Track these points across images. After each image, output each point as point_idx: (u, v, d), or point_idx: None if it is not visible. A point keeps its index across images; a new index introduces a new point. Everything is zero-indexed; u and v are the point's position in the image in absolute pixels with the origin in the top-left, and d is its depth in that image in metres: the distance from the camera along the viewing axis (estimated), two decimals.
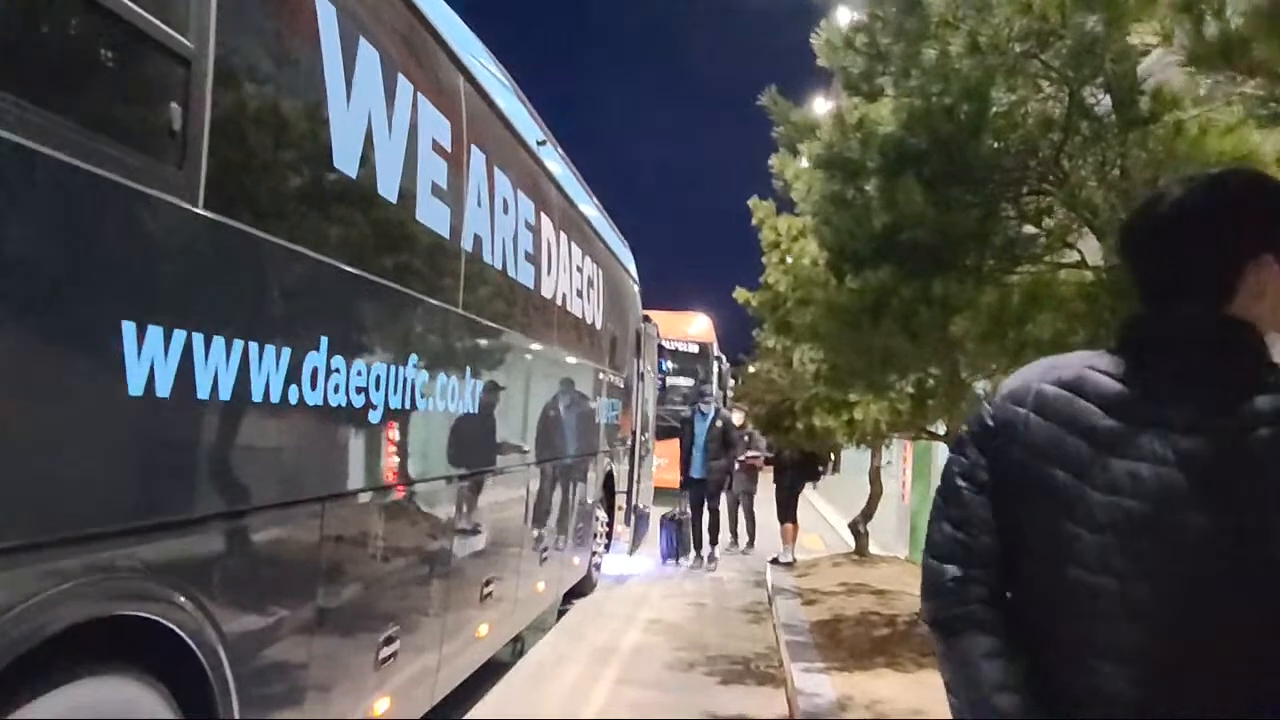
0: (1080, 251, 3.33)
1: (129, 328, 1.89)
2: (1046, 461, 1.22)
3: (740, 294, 7.63)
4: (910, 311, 3.04)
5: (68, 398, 1.79)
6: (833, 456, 15.76)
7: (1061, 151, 3.10)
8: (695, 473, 10.22)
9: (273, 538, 2.59)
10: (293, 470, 2.65)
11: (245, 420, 2.35)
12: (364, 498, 3.13)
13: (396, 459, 3.37)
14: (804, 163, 5.51)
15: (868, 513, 10.12)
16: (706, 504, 10.17)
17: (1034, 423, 1.24)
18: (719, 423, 10.27)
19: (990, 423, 1.30)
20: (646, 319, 10.57)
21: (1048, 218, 3.24)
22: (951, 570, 1.29)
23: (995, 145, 3.05)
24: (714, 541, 10.23)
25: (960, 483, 1.32)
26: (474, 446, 4.33)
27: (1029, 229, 3.25)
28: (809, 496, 13.55)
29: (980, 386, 5.63)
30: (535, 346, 5.46)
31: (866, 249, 3.29)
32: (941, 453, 10.61)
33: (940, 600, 1.30)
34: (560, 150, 6.38)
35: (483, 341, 4.42)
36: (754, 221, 6.87)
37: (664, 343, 14.09)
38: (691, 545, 10.16)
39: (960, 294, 2.99)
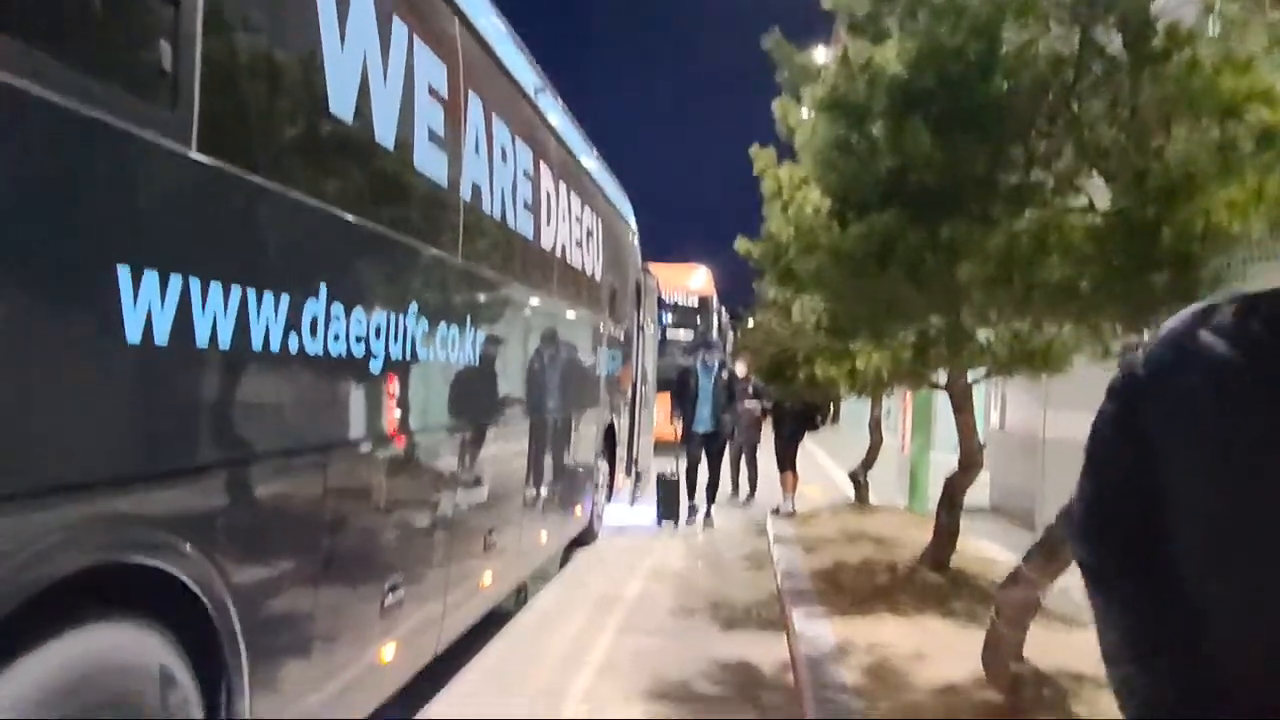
0: (1089, 195, 3.29)
1: (124, 272, 1.86)
2: (1189, 416, 1.14)
3: (741, 244, 7.52)
4: (916, 257, 2.99)
5: (66, 344, 1.76)
6: (831, 408, 15.79)
7: (1072, 92, 3.04)
8: (702, 427, 9.61)
9: (276, 487, 2.59)
10: (294, 419, 2.64)
11: (246, 368, 2.33)
12: (366, 448, 3.13)
13: (397, 409, 3.36)
14: (806, 113, 5.43)
15: (868, 462, 10.17)
16: (708, 460, 9.64)
17: (1180, 371, 1.15)
18: (724, 375, 9.73)
19: (1140, 370, 1.21)
20: (646, 271, 10.51)
21: (1057, 160, 3.19)
22: (1095, 520, 1.26)
23: (1005, 85, 2.98)
24: (712, 499, 9.70)
25: (1104, 431, 1.26)
26: (474, 398, 4.32)
27: (1038, 173, 3.20)
28: (808, 447, 13.60)
29: (983, 335, 5.61)
30: (535, 297, 5.43)
31: (872, 194, 3.24)
32: (942, 402, 10.66)
33: (1086, 545, 1.28)
34: (558, 99, 6.28)
35: (482, 292, 4.39)
36: (755, 171, 6.77)
37: (663, 296, 14.05)
38: (686, 500, 9.67)
39: (967, 238, 2.94)
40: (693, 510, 9.63)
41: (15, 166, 1.63)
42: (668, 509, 9.56)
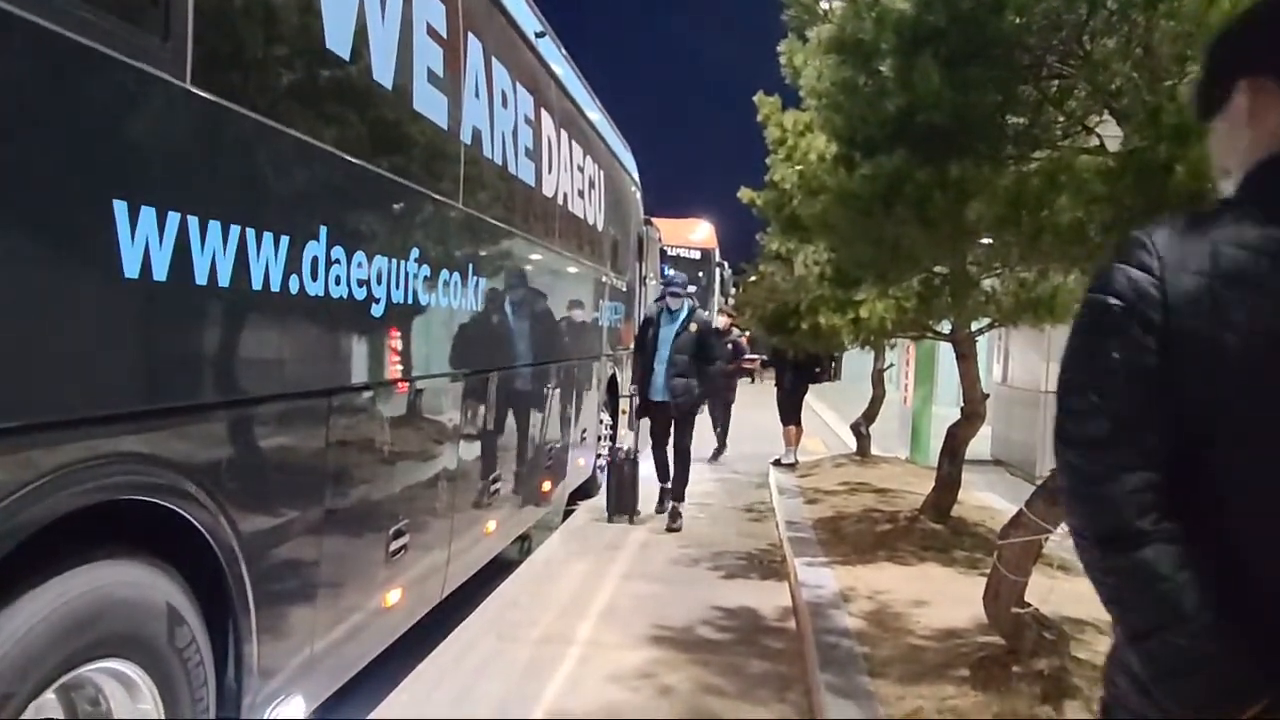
0: (1099, 136, 3.23)
1: (121, 206, 1.83)
2: (1248, 339, 1.04)
3: (745, 194, 7.48)
4: (924, 197, 2.94)
5: (63, 278, 1.73)
6: (832, 362, 15.73)
7: (1085, 28, 2.97)
8: (656, 394, 7.10)
9: (282, 430, 2.58)
10: (296, 362, 2.62)
11: (246, 309, 2.31)
12: (369, 393, 3.11)
13: (400, 355, 3.34)
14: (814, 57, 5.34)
15: (870, 414, 10.19)
16: (674, 440, 7.21)
17: (1223, 292, 1.06)
18: (694, 326, 7.08)
19: (1155, 292, 1.09)
20: (648, 222, 10.44)
21: (1069, 100, 3.12)
22: (1116, 477, 1.10)
23: (1017, 21, 2.91)
24: (680, 493, 7.24)
25: (1117, 367, 1.11)
26: (476, 345, 4.30)
27: (1049, 112, 3.14)
28: (808, 400, 13.59)
29: (988, 284, 5.57)
30: (537, 246, 5.38)
31: (879, 134, 3.18)
32: (944, 357, 10.64)
33: (1104, 512, 1.11)
34: (560, 45, 6.17)
35: (484, 238, 4.35)
36: (759, 118, 6.69)
37: (665, 248, 13.99)
38: (660, 489, 7.40)
39: (977, 178, 2.89)
40: (665, 496, 7.33)
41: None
42: (620, 499, 7.26)
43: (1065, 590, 4.02)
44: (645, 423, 7.47)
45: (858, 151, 3.49)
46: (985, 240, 3.71)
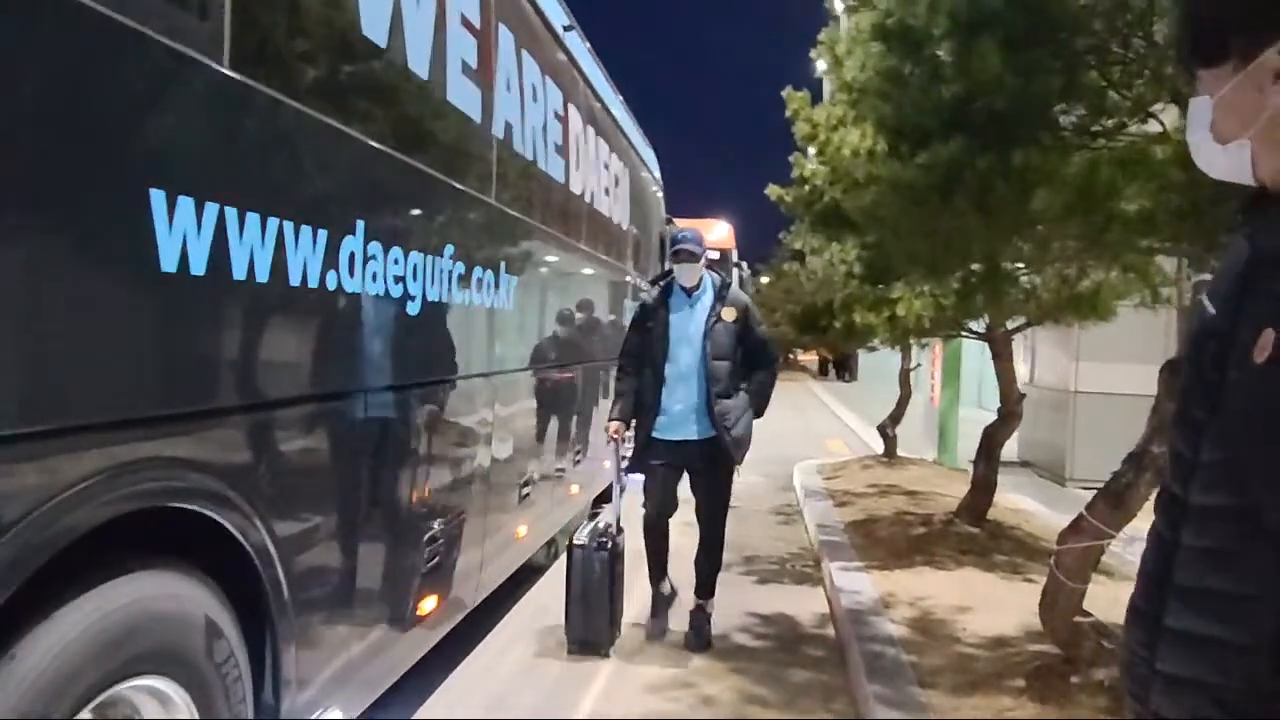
0: (1163, 123, 3.09)
1: (157, 197, 1.71)
2: None
3: (773, 190, 7.35)
4: (986, 186, 2.81)
5: (95, 273, 1.62)
6: (831, 358, 15.51)
7: (1152, 11, 2.83)
8: (672, 430, 4.38)
9: (319, 433, 2.47)
10: (331, 362, 2.50)
11: (283, 306, 2.20)
12: (405, 393, 3.00)
13: (433, 355, 3.24)
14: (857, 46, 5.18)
15: (897, 415, 10.03)
16: (703, 507, 4.63)
17: None
18: (729, 312, 4.42)
19: None
20: (670, 222, 10.31)
21: (1135, 85, 2.98)
22: None
23: (1081, 3, 2.78)
24: (710, 587, 4.63)
25: None
26: (506, 346, 4.19)
27: (1113, 97, 3.00)
28: (827, 399, 13.42)
29: (1027, 280, 5.42)
30: (565, 244, 5.27)
31: (933, 122, 3.05)
32: (969, 358, 10.48)
33: None
34: (586, 40, 6.06)
35: (516, 235, 4.24)
36: (788, 113, 6.56)
37: None
38: (653, 586, 4.76)
39: (1042, 166, 2.76)
40: (662, 604, 4.75)
41: (27, 77, 1.45)
42: (588, 615, 4.33)
43: (1113, 598, 3.87)
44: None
45: (906, 142, 3.36)
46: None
